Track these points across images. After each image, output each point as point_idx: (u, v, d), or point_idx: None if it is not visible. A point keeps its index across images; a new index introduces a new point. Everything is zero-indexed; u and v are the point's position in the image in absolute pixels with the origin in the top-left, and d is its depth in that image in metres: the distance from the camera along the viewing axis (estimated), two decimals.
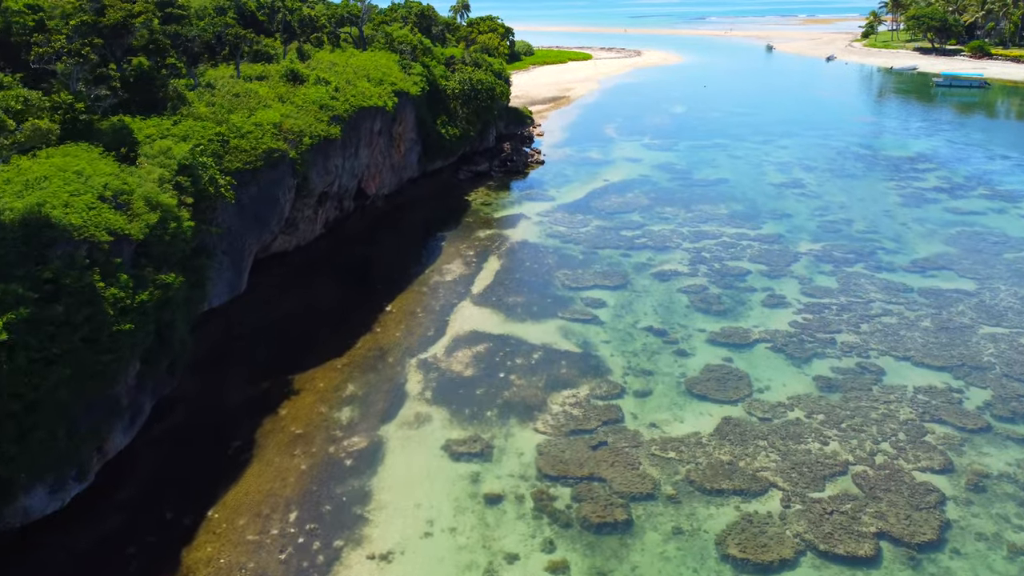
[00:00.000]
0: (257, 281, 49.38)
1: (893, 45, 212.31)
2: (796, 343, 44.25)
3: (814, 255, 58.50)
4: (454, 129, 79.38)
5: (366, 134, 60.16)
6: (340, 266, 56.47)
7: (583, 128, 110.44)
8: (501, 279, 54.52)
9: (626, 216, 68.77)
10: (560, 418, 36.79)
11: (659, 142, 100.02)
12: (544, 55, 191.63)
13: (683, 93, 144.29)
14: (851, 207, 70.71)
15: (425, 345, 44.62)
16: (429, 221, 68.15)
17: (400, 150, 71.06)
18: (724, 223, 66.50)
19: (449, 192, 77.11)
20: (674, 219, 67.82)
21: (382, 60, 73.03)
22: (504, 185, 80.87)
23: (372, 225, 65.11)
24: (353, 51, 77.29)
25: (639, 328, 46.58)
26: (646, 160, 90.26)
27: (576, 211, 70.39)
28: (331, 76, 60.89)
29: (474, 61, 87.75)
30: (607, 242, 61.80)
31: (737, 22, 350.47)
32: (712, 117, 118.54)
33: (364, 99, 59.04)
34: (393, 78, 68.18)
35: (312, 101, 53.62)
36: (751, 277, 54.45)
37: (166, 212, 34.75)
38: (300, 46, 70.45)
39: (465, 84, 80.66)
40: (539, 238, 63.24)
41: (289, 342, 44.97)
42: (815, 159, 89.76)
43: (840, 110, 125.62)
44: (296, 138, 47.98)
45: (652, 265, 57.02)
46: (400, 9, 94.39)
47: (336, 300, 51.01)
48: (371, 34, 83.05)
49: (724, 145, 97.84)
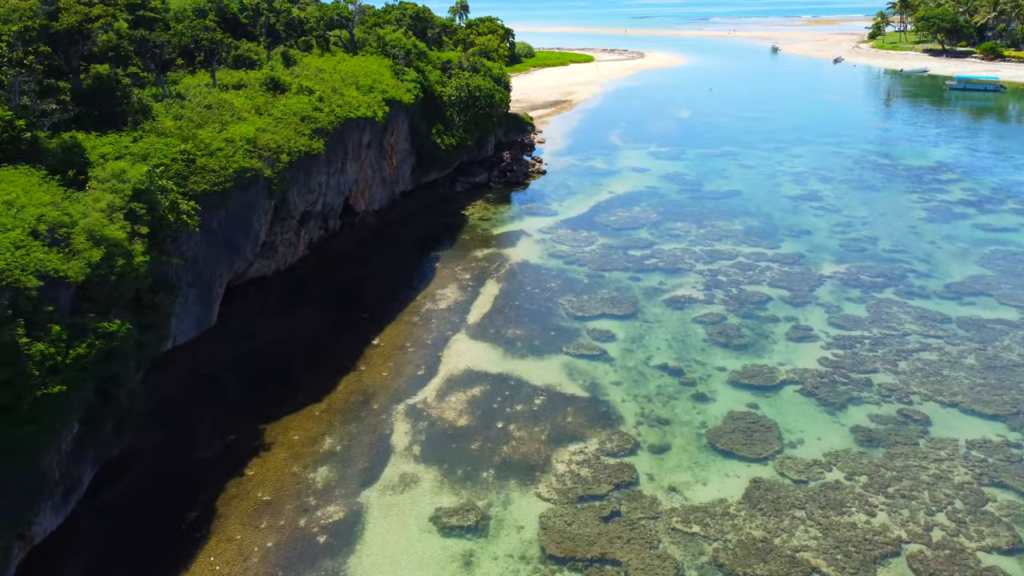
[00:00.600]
0: (231, 311, 44.88)
1: (901, 47, 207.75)
2: (828, 385, 39.69)
3: (839, 278, 53.94)
4: (450, 139, 74.84)
5: (353, 147, 55.61)
6: (324, 291, 51.91)
7: (586, 135, 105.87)
8: (500, 307, 49.96)
9: (634, 233, 64.20)
10: (566, 480, 32.23)
11: (666, 150, 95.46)
12: (545, 57, 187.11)
13: (688, 96, 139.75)
14: (874, 223, 66.14)
15: (414, 387, 40.05)
16: (423, 239, 63.57)
17: (392, 162, 66.52)
18: (739, 241, 61.95)
19: (445, 206, 72.53)
20: (685, 236, 63.25)
21: (373, 66, 68.49)
22: (503, 198, 76.30)
23: (361, 244, 60.54)
24: (343, 56, 72.75)
25: (652, 366, 42.02)
26: (653, 170, 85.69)
27: (580, 227, 65.83)
28: (316, 84, 56.35)
29: (472, 66, 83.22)
30: (614, 263, 57.23)
31: (740, 23, 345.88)
32: (720, 123, 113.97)
33: (351, 110, 54.48)
34: (384, 85, 63.64)
35: (293, 113, 49.06)
36: (772, 304, 49.90)
37: (113, 247, 30.20)
38: (286, 51, 65.89)
39: (462, 91, 76.10)
40: (541, 258, 58.69)
41: (263, 383, 40.42)
42: (831, 169, 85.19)
43: (853, 115, 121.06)
44: (273, 155, 43.40)
45: (664, 290, 52.46)
46: (394, 11, 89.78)
47: (318, 331, 46.45)
48: (363, 37, 78.51)
49: (734, 153, 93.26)
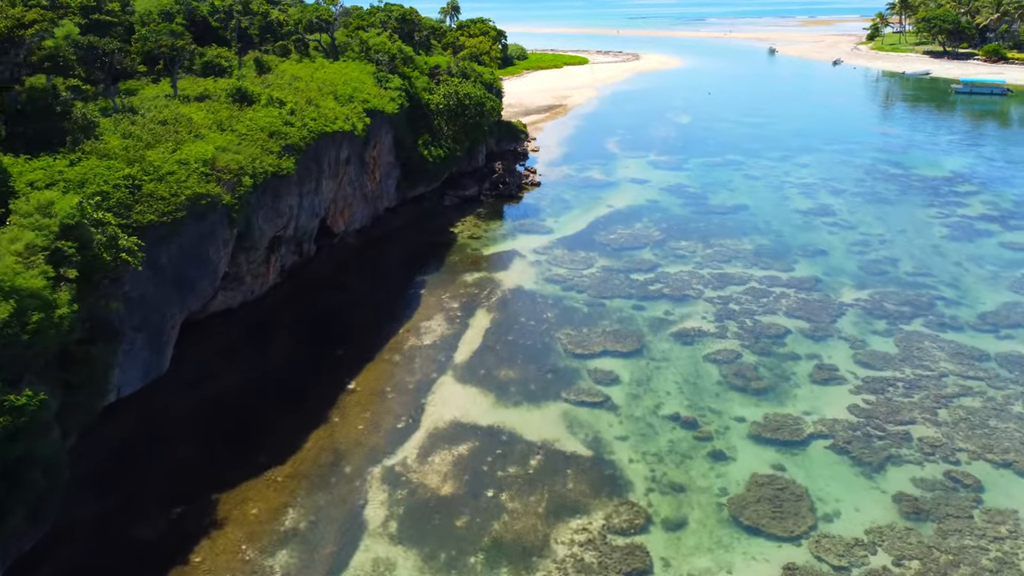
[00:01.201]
0: (189, 350, 40.01)
1: (902, 48, 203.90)
2: (862, 440, 35.07)
3: (861, 307, 49.36)
4: (438, 150, 70.00)
5: (330, 164, 50.74)
6: (297, 324, 47.01)
7: (582, 142, 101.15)
8: (491, 342, 45.18)
9: (636, 254, 59.52)
10: (568, 568, 27.49)
11: (666, 159, 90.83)
12: (539, 59, 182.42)
13: (687, 100, 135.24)
14: (893, 241, 61.62)
15: (393, 444, 35.24)
16: (408, 261, 58.69)
17: (375, 177, 61.66)
18: (750, 262, 57.34)
19: (432, 222, 67.66)
20: (691, 257, 58.61)
21: (354, 72, 63.63)
22: (495, 212, 71.50)
23: (339, 268, 55.65)
24: (323, 61, 67.89)
25: (662, 416, 37.32)
26: (653, 181, 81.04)
27: (578, 246, 61.11)
28: (290, 94, 51.48)
29: (461, 71, 78.39)
30: (616, 289, 52.52)
31: (736, 24, 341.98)
32: (721, 129, 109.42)
33: (327, 123, 49.60)
34: (366, 94, 58.78)
35: (260, 128, 44.17)
36: (791, 339, 45.27)
37: (27, 299, 25.35)
38: (259, 57, 61.02)
39: (451, 98, 71.28)
40: (536, 283, 53.93)
41: (220, 439, 35.54)
42: (841, 180, 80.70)
43: (858, 120, 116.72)
44: (234, 178, 38.51)
45: (671, 321, 47.77)
46: (379, 13, 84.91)
47: (287, 373, 41.56)
48: (345, 41, 73.61)
49: (738, 163, 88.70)
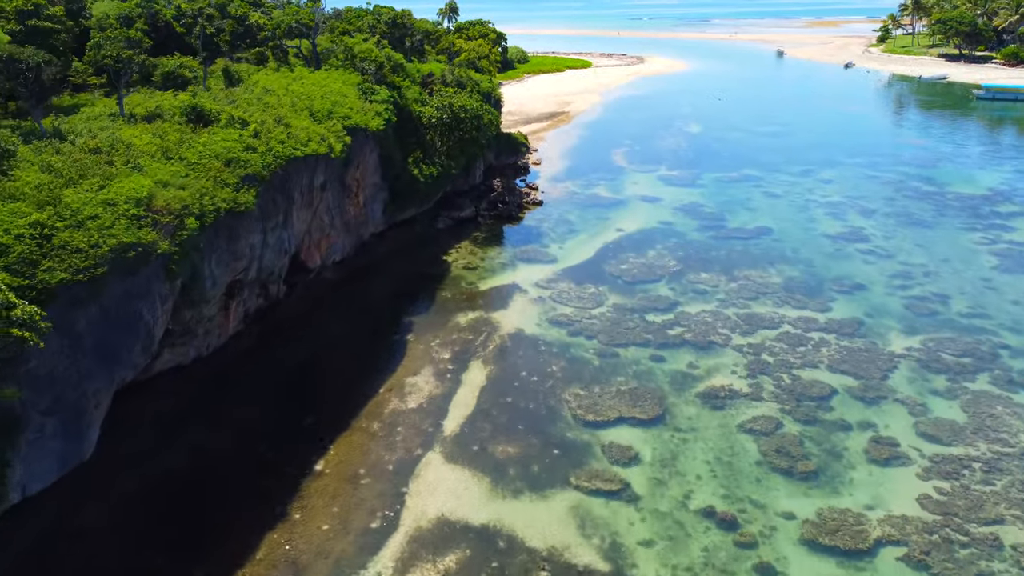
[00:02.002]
0: (128, 418, 33.51)
1: (915, 51, 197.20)
2: (942, 548, 28.46)
3: (915, 358, 42.75)
4: (431, 168, 63.38)
5: (302, 192, 44.14)
6: (259, 382, 40.36)
7: (587, 154, 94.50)
8: (487, 404, 38.58)
9: (651, 288, 52.91)
10: None
11: (678, 174, 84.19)
12: (539, 62, 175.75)
13: (695, 107, 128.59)
14: (938, 273, 55.01)
15: (365, 554, 28.60)
16: (393, 298, 52.03)
17: (358, 200, 55.06)
18: (780, 300, 50.73)
19: (424, 250, 60.96)
20: (714, 293, 52.00)
21: (336, 83, 57.06)
22: (494, 237, 64.85)
23: (315, 307, 49.00)
24: (302, 71, 61.27)
25: (693, 511, 30.71)
26: (666, 199, 74.41)
27: (586, 279, 54.50)
28: (257, 111, 44.85)
29: (457, 80, 71.76)
30: (630, 335, 45.89)
31: (741, 25, 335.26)
32: (734, 139, 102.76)
33: (299, 145, 42.94)
34: (347, 109, 52.17)
35: (216, 154, 37.57)
36: (838, 401, 38.67)
37: None
38: (228, 67, 54.41)
39: (444, 111, 64.62)
40: (539, 326, 47.31)
41: (150, 544, 28.93)
42: (870, 198, 74.06)
43: (879, 129, 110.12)
44: (175, 220, 31.89)
45: (695, 377, 41.15)
46: (367, 16, 78.08)
47: (241, 450, 34.92)
48: (329, 48, 66.97)
49: (756, 178, 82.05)
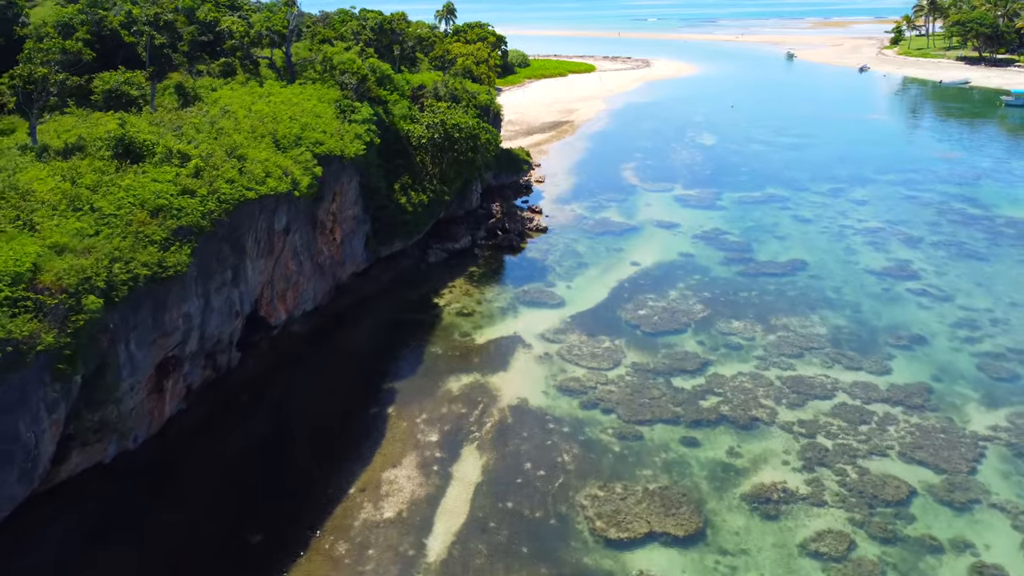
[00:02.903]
0: (26, 530, 25.90)
1: (932, 54, 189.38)
2: None
3: (1003, 441, 35.11)
4: (420, 195, 55.70)
5: (260, 240, 36.47)
6: (198, 480, 32.60)
7: (594, 170, 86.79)
8: (482, 514, 30.89)
9: (675, 342, 45.24)
10: None
11: (695, 194, 76.47)
12: (541, 66, 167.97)
13: (708, 115, 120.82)
14: (1008, 322, 47.32)
15: None
16: (373, 356, 44.29)
17: (334, 238, 47.41)
18: (829, 357, 43.06)
19: (412, 289, 53.26)
20: (750, 348, 44.34)
21: (310, 101, 49.41)
22: (492, 271, 57.19)
23: (277, 373, 41.22)
24: (273, 85, 53.65)
25: None
26: (684, 225, 66.71)
27: (599, 328, 46.86)
28: (206, 141, 37.18)
29: (451, 93, 64.07)
30: (655, 407, 38.22)
31: (747, 26, 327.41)
32: (753, 152, 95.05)
33: (253, 183, 35.23)
34: (319, 133, 44.49)
35: (141, 201, 29.91)
36: (920, 506, 31.01)
37: None
38: (182, 83, 46.76)
39: (436, 130, 56.92)
40: (546, 396, 39.64)
41: None
42: (912, 223, 66.38)
43: (907, 140, 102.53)
44: (68, 300, 24.23)
45: (739, 470, 33.50)
46: (351, 21, 70.03)
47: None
48: (307, 58, 59.27)
49: (782, 199, 74.35)
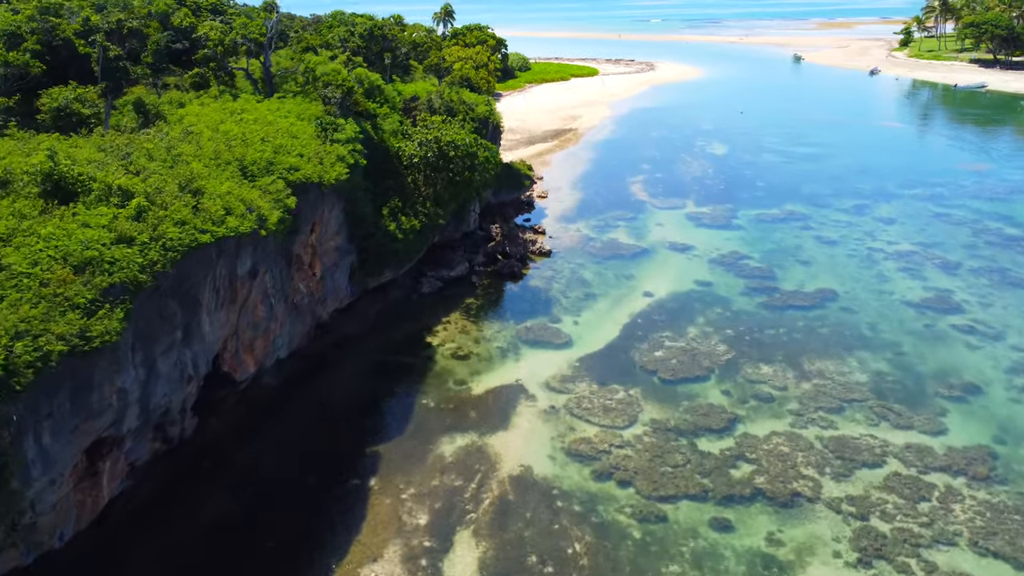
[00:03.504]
0: None
1: (944, 56, 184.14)
2: None
3: None
4: (412, 220, 50.49)
5: (218, 288, 31.22)
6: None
7: (600, 183, 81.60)
8: None
9: (698, 391, 40.05)
10: None
11: (709, 211, 71.24)
12: (542, 70, 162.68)
13: (717, 122, 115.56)
14: None
15: None
16: (354, 412, 38.90)
17: (314, 273, 42.22)
18: (874, 412, 37.87)
19: (401, 326, 48.01)
20: (783, 400, 39.14)
21: (287, 118, 44.28)
22: (491, 304, 51.97)
23: (239, 437, 35.86)
24: (248, 99, 48.49)
25: None
26: (699, 247, 61.51)
27: (611, 375, 41.68)
28: (157, 171, 31.95)
29: (446, 104, 58.87)
30: (679, 479, 33.00)
31: (751, 27, 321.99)
32: (766, 164, 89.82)
33: (209, 224, 29.94)
34: (295, 157, 39.28)
35: (63, 254, 24.70)
36: None
37: None
38: (141, 99, 41.58)
39: (429, 148, 51.71)
40: (552, 463, 34.43)
41: None
42: (947, 246, 61.20)
43: (929, 149, 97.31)
44: None
45: (781, 565, 28.27)
46: (338, 27, 64.52)
47: None
48: (287, 68, 54.03)
49: (802, 217, 69.15)
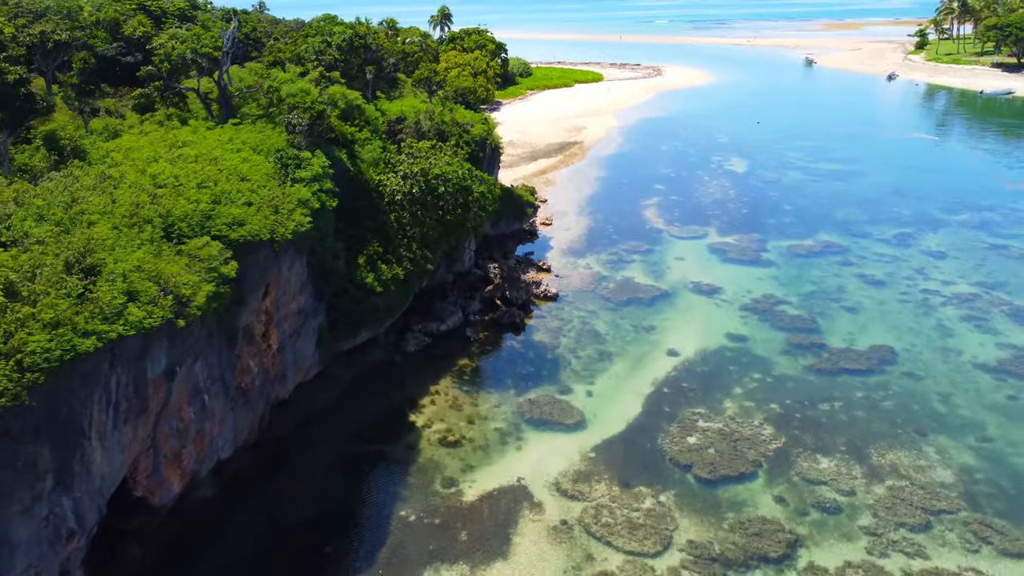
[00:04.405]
0: None
1: (964, 60, 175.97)
2: None
3: None
4: (395, 267, 42.55)
5: (115, 402, 23.23)
6: None
7: (610, 207, 73.63)
8: None
9: (744, 498, 32.10)
10: None
11: (735, 242, 63.26)
12: (545, 76, 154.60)
13: (732, 133, 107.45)
14: None
15: None
16: (309, 532, 30.86)
17: (269, 345, 34.28)
18: (972, 534, 29.97)
19: (379, 399, 39.92)
20: (853, 514, 31.18)
21: (237, 155, 36.31)
22: (488, 367, 43.91)
23: (164, 564, 28.00)
24: (198, 126, 40.55)
25: None
26: (727, 289, 53.58)
27: (634, 473, 33.76)
28: (44, 238, 24.01)
29: (437, 127, 50.89)
30: None
31: (758, 29, 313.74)
32: (792, 183, 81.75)
33: (96, 320, 21.87)
34: (240, 208, 31.31)
35: None
36: None
37: None
38: (54, 132, 33.72)
39: (415, 182, 43.72)
40: None
41: None
42: (1012, 286, 53.28)
43: (965, 165, 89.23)
44: None
45: None
46: (312, 38, 55.95)
47: None
48: (251, 86, 46.00)
49: (840, 250, 61.20)
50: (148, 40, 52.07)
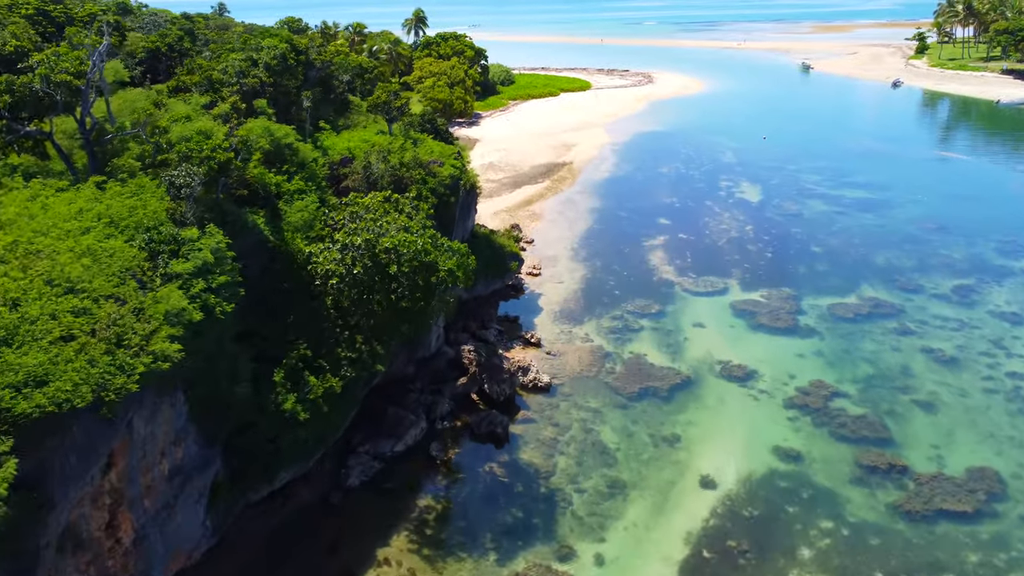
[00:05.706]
0: None
1: (970, 66, 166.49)
2: None
3: None
4: (328, 378, 30.68)
5: None
6: None
7: (609, 250, 62.13)
8: None
9: None
10: None
11: (763, 300, 51.99)
12: (528, 84, 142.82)
13: (738, 151, 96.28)
14: None
15: None
16: None
17: (118, 539, 22.34)
18: None
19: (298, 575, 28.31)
20: None
21: (85, 238, 24.35)
22: (459, 510, 32.24)
23: None
24: (42, 188, 28.50)
25: None
26: (764, 373, 42.25)
27: None
28: None
29: (392, 171, 39.06)
30: None
31: (748, 31, 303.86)
32: (816, 215, 70.64)
33: None
34: (48, 346, 19.36)
35: None
36: None
37: None
38: None
39: (357, 258, 31.85)
40: None
41: None
42: None
43: (1009, 191, 78.49)
44: None
45: None
46: (234, 54, 43.16)
47: None
48: (135, 124, 33.81)
49: (893, 311, 50.14)
50: (27, 55, 39.74)
